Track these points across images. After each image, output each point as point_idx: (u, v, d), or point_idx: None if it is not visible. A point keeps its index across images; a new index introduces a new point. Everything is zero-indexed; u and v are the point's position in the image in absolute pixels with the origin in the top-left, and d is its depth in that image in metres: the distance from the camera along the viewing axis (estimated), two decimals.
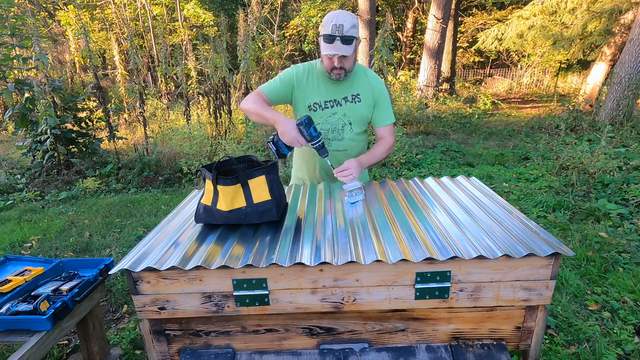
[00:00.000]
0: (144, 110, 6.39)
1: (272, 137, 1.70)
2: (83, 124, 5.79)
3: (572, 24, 8.54)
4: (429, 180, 1.82)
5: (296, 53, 15.54)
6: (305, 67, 1.93)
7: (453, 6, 10.98)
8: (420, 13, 15.02)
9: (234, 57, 9.53)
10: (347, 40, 1.66)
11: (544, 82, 13.81)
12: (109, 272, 1.31)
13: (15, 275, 1.81)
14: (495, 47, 10.32)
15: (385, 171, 5.27)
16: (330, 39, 1.67)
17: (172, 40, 13.92)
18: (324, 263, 1.15)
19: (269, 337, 1.30)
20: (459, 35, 14.30)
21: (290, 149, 1.69)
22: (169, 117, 8.16)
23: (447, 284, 1.17)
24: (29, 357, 1.47)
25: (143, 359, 2.18)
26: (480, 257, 1.13)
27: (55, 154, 5.40)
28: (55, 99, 5.35)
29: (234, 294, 1.19)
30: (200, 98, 7.76)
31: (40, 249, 3.53)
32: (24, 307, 1.58)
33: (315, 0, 13.85)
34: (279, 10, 14.22)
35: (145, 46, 14.58)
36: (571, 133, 6.56)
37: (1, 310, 1.58)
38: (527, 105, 10.66)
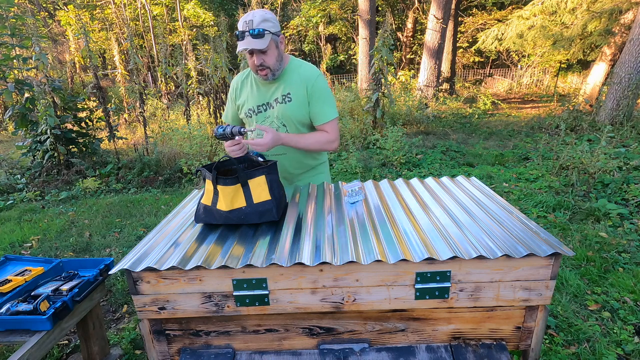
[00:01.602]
0: (144, 110, 6.39)
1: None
2: (83, 124, 5.80)
3: (572, 24, 8.54)
4: (429, 180, 1.82)
5: (296, 53, 15.54)
6: (242, 74, 1.90)
7: (453, 6, 10.98)
8: (420, 13, 15.02)
9: (234, 57, 9.54)
10: (258, 34, 1.61)
11: (544, 82, 13.81)
12: (109, 272, 1.31)
13: (15, 275, 1.81)
14: (495, 47, 10.32)
15: (385, 171, 5.27)
16: (241, 35, 1.64)
17: (172, 40, 13.92)
18: (324, 263, 1.15)
19: (269, 337, 1.30)
20: (459, 35, 14.30)
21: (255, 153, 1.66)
22: (169, 117, 8.16)
23: (447, 284, 1.17)
24: (29, 357, 1.47)
25: (143, 359, 2.17)
26: (480, 257, 1.13)
27: (55, 154, 5.40)
28: (55, 99, 5.35)
29: (234, 294, 1.19)
30: (200, 98, 7.77)
31: (40, 249, 3.53)
32: (24, 307, 1.58)
33: (315, 0, 13.85)
34: (279, 10, 14.23)
35: (145, 46, 14.58)
36: (571, 133, 6.56)
37: (1, 310, 1.58)
38: (527, 105, 10.66)
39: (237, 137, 1.61)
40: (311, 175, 1.97)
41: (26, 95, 5.41)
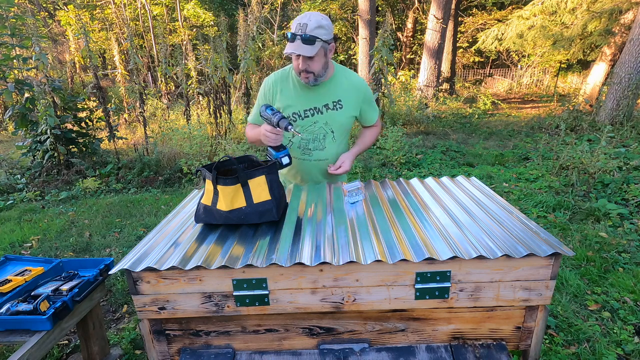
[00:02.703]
0: (144, 110, 6.39)
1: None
2: (83, 124, 5.80)
3: (572, 24, 8.54)
4: (429, 180, 1.82)
5: None
6: (277, 75, 1.83)
7: (453, 6, 10.98)
8: (420, 13, 15.02)
9: (234, 57, 9.53)
10: (309, 40, 1.57)
11: (544, 82, 13.81)
12: (109, 272, 1.31)
13: (15, 275, 1.81)
14: (495, 47, 10.32)
15: (385, 171, 5.27)
16: (292, 37, 1.60)
17: (172, 40, 13.92)
18: (324, 263, 1.15)
19: (269, 337, 1.30)
20: (459, 35, 14.30)
21: (279, 151, 1.60)
22: (169, 117, 8.16)
23: (447, 284, 1.17)
24: (29, 357, 1.46)
25: (143, 359, 2.18)
26: (480, 257, 1.13)
27: (55, 154, 5.40)
28: (55, 99, 5.35)
29: (234, 294, 1.19)
30: (200, 98, 7.76)
31: (40, 248, 3.53)
32: (24, 307, 1.58)
33: (315, 1, 13.85)
34: (279, 10, 14.22)
35: (145, 46, 14.58)
36: (571, 133, 6.56)
37: (1, 310, 1.58)
38: (527, 105, 10.66)
39: (278, 128, 1.56)
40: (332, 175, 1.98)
41: (26, 95, 5.41)
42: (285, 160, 1.62)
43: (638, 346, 2.10)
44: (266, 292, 1.19)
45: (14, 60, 6.22)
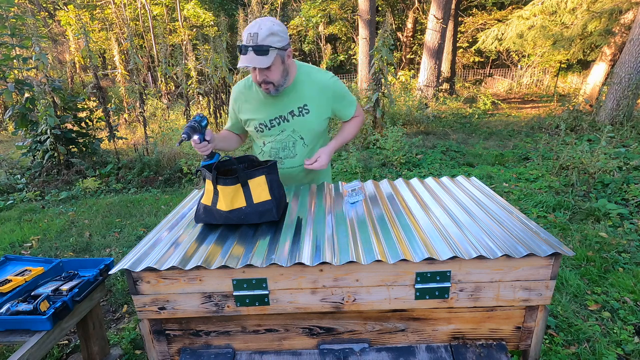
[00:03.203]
0: (144, 110, 6.39)
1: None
2: (83, 124, 5.80)
3: (572, 24, 8.54)
4: (429, 180, 1.82)
5: (296, 53, 15.55)
6: (241, 85, 1.75)
7: (453, 6, 10.98)
8: (420, 13, 15.02)
9: (234, 57, 9.53)
10: (262, 50, 1.47)
11: (544, 82, 13.81)
12: (109, 272, 1.31)
13: (15, 275, 1.81)
14: (495, 47, 10.32)
15: (385, 171, 5.27)
16: (243, 49, 1.49)
17: (172, 40, 13.92)
18: (324, 263, 1.15)
19: (269, 337, 1.30)
20: (459, 35, 14.30)
21: (209, 160, 1.54)
22: (169, 117, 8.17)
23: (447, 284, 1.17)
24: (29, 357, 1.46)
25: (143, 359, 2.17)
26: (480, 257, 1.13)
27: (55, 154, 5.40)
28: (55, 99, 5.35)
29: (234, 294, 1.19)
30: (200, 98, 7.76)
31: (40, 248, 3.53)
32: (24, 307, 1.58)
33: (315, 0, 13.86)
34: (279, 10, 14.23)
35: (145, 46, 14.58)
36: (571, 133, 6.56)
37: (1, 310, 1.58)
38: (527, 105, 10.66)
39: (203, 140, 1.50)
40: (313, 175, 1.95)
41: (26, 95, 5.41)
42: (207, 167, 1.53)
43: (638, 346, 2.10)
44: (266, 292, 1.19)
45: (14, 60, 6.22)
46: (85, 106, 5.95)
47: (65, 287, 1.73)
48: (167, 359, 1.32)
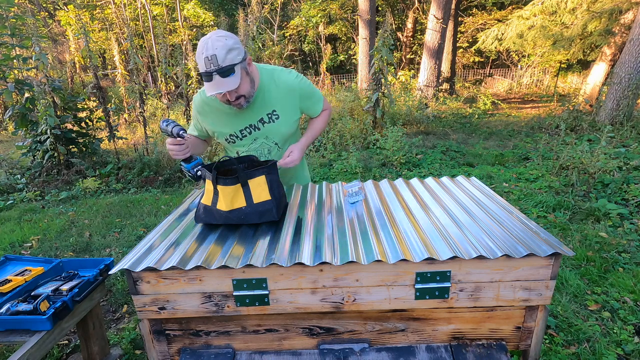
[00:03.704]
0: (144, 110, 6.39)
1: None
2: (83, 124, 5.80)
3: (572, 24, 8.53)
4: (429, 180, 1.82)
5: (296, 53, 15.54)
6: (199, 99, 1.67)
7: (453, 6, 10.98)
8: (420, 13, 15.02)
9: None
10: (228, 71, 1.41)
11: (544, 82, 13.80)
12: (109, 272, 1.31)
13: (15, 275, 1.81)
14: (495, 47, 10.32)
15: (385, 171, 5.27)
16: (207, 76, 1.41)
17: (172, 40, 13.92)
18: (324, 263, 1.15)
19: (269, 337, 1.30)
20: (459, 35, 14.30)
21: (189, 162, 1.55)
22: (168, 117, 8.16)
23: (447, 284, 1.17)
24: (29, 357, 1.46)
25: (143, 359, 2.17)
26: (480, 257, 1.13)
27: (55, 154, 5.40)
28: (55, 99, 5.35)
29: (234, 294, 1.19)
30: None
31: (40, 248, 3.53)
32: (24, 307, 1.58)
33: (316, 0, 13.85)
34: (279, 10, 14.22)
35: (145, 46, 14.58)
36: (571, 133, 6.56)
37: (1, 310, 1.58)
38: (527, 105, 10.66)
39: (178, 138, 1.49)
40: (292, 174, 1.93)
41: (26, 95, 5.41)
42: (199, 172, 1.53)
43: (638, 346, 2.10)
44: (266, 292, 1.19)
45: (14, 60, 6.21)
46: (85, 106, 5.95)
47: (65, 287, 1.73)
48: (167, 359, 1.32)
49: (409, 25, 15.58)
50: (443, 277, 1.16)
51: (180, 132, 1.47)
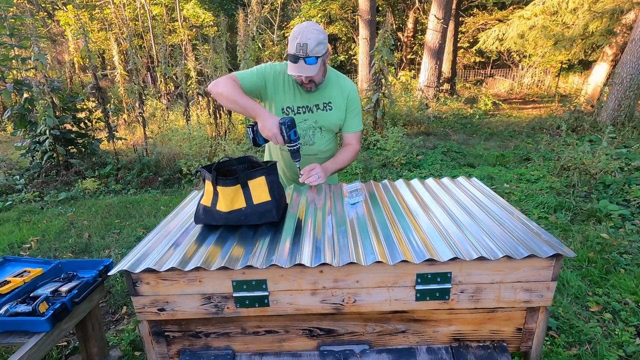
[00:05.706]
0: (144, 111, 6.38)
1: (253, 124, 1.71)
2: (82, 125, 5.79)
3: (573, 24, 8.53)
4: (430, 181, 1.82)
5: None
6: (283, 67, 1.85)
7: (454, 6, 10.98)
8: (421, 13, 15.03)
9: (234, 57, 9.52)
10: (311, 59, 1.62)
11: (545, 82, 13.80)
12: (108, 273, 1.30)
13: (14, 277, 1.80)
14: (496, 48, 10.32)
15: (385, 172, 5.27)
16: (294, 58, 1.63)
17: (172, 41, 13.91)
18: (324, 264, 1.14)
19: (269, 339, 1.29)
20: (459, 36, 14.30)
21: (266, 140, 1.70)
22: (168, 117, 8.15)
23: (447, 285, 1.16)
24: (28, 359, 1.46)
25: None
26: (481, 258, 1.12)
27: (54, 155, 5.39)
28: (54, 99, 5.34)
29: (234, 295, 1.19)
30: (200, 98, 7.75)
31: (39, 249, 3.52)
32: (22, 308, 1.57)
33: (316, 0, 13.85)
34: (279, 10, 14.23)
35: (144, 46, 14.58)
36: (572, 134, 6.56)
37: (0, 312, 1.57)
38: (528, 106, 10.66)
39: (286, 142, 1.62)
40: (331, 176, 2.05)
41: (25, 95, 5.40)
42: (263, 143, 1.74)
43: (639, 348, 2.09)
44: (266, 294, 1.18)
45: (13, 61, 6.21)
46: (85, 106, 5.94)
47: (64, 289, 1.72)
48: None
49: (410, 25, 15.59)
50: (444, 278, 1.15)
51: (293, 137, 1.62)
